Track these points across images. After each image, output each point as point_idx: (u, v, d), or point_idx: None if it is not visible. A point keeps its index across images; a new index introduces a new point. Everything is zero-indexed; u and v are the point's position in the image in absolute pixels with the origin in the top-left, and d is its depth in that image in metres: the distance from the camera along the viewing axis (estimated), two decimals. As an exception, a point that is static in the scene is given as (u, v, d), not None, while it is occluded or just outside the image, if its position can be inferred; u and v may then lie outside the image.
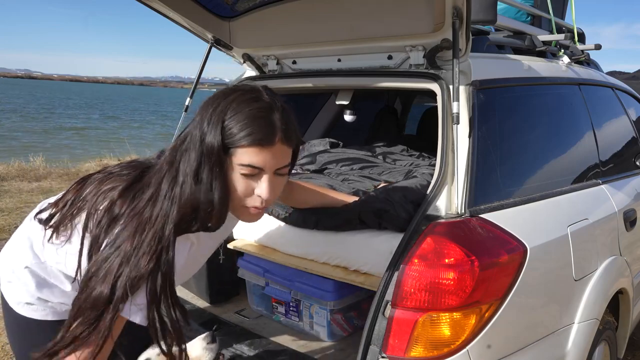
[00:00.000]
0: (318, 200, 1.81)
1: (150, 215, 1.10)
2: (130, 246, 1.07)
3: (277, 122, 1.13)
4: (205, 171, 1.10)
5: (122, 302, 1.06)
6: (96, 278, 1.07)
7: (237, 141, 1.09)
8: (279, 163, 1.15)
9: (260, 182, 1.14)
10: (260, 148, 1.10)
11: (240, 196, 1.15)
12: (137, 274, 1.05)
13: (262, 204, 1.17)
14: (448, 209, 1.45)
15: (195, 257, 1.31)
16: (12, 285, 1.33)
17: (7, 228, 4.69)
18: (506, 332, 1.44)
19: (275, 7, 1.92)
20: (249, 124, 1.10)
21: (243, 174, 1.12)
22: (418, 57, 1.68)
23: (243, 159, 1.11)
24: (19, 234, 1.37)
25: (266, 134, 1.11)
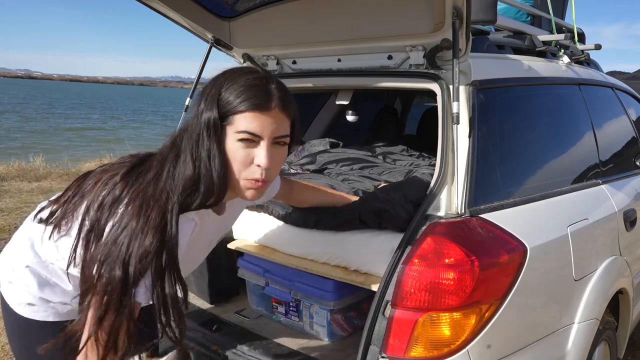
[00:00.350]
0: (319, 199, 1.81)
1: (154, 192, 1.10)
2: (137, 223, 1.07)
3: (274, 90, 1.14)
4: (204, 145, 1.11)
5: (135, 283, 1.06)
6: (109, 261, 1.06)
7: (233, 108, 1.10)
8: (276, 131, 1.14)
9: (259, 150, 1.13)
10: (257, 113, 1.11)
11: (239, 167, 1.13)
12: (144, 251, 1.05)
13: (262, 175, 1.14)
14: (448, 209, 1.45)
15: (198, 244, 1.30)
16: (13, 286, 1.32)
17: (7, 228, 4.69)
18: (506, 332, 1.44)
19: (275, 7, 1.92)
20: (245, 91, 1.11)
21: (241, 140, 1.11)
22: (418, 57, 1.68)
23: (240, 125, 1.11)
24: (19, 235, 1.37)
25: (263, 99, 1.11)
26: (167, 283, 1.09)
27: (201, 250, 1.41)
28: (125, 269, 1.05)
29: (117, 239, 1.07)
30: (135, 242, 1.06)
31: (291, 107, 1.18)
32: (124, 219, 1.09)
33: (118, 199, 1.12)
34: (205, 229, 1.28)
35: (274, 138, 1.14)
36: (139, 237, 1.06)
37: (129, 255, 1.05)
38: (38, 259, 1.29)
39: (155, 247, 1.06)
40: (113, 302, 1.06)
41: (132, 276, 1.05)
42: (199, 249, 1.37)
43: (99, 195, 1.15)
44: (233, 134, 1.11)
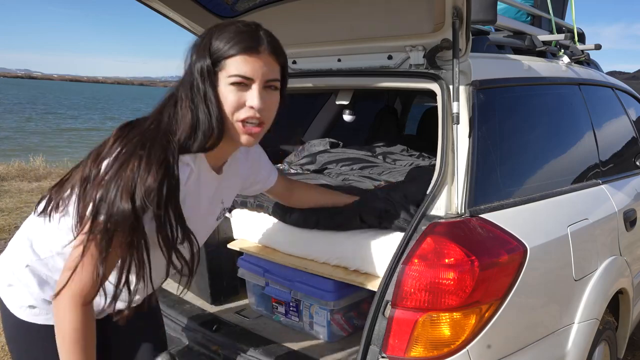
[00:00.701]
0: (320, 199, 1.82)
1: (155, 134, 1.15)
2: (140, 159, 1.10)
3: (263, 35, 1.19)
4: (200, 91, 1.15)
5: (143, 214, 1.09)
6: (112, 196, 1.08)
7: (224, 53, 1.15)
8: (267, 74, 1.18)
9: (251, 93, 1.17)
10: (247, 56, 1.15)
11: (232, 110, 1.17)
12: (149, 185, 1.08)
13: (255, 115, 1.18)
14: (448, 209, 1.45)
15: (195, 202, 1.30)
16: (13, 289, 1.31)
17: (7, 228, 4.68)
18: (506, 332, 1.44)
19: (275, 7, 1.92)
20: (235, 36, 1.16)
21: (233, 84, 1.16)
22: (418, 57, 1.68)
23: (231, 69, 1.15)
24: (18, 237, 1.36)
25: (252, 42, 1.16)
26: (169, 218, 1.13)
27: (202, 214, 1.38)
28: (132, 201, 1.08)
29: (119, 174, 1.10)
30: (142, 177, 1.09)
31: (280, 52, 1.23)
32: (124, 156, 1.12)
33: (115, 147, 1.15)
34: (203, 184, 1.30)
35: (265, 81, 1.19)
36: (144, 171, 1.09)
37: (135, 188, 1.08)
38: (37, 257, 1.28)
39: (161, 183, 1.10)
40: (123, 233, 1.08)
41: (139, 209, 1.08)
42: (199, 210, 1.34)
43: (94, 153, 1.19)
44: (225, 78, 1.16)
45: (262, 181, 1.68)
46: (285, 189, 1.78)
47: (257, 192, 1.80)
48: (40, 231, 1.30)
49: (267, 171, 1.68)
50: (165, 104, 1.21)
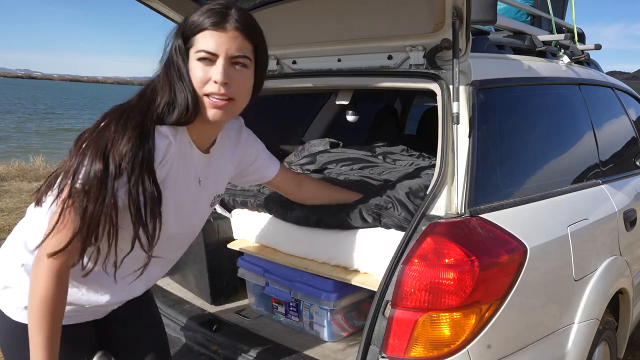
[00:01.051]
0: (327, 195, 1.81)
1: (136, 103, 1.21)
2: (116, 125, 1.15)
3: (232, 13, 1.21)
4: (175, 67, 1.21)
5: (115, 177, 1.12)
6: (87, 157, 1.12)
7: (193, 29, 1.20)
8: (232, 49, 1.20)
9: (215, 67, 1.19)
10: (213, 31, 1.19)
11: (199, 85, 1.20)
12: (123, 149, 1.12)
13: (220, 90, 1.20)
14: (448, 209, 1.45)
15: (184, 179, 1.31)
16: (8, 291, 1.30)
17: (7, 228, 4.69)
18: (506, 332, 1.44)
19: (275, 7, 1.92)
20: (204, 14, 1.20)
21: (199, 59, 1.19)
22: (418, 57, 1.68)
23: (198, 44, 1.20)
24: (12, 238, 1.36)
25: (219, 18, 1.19)
26: (141, 184, 1.15)
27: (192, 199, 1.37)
28: (105, 162, 1.11)
29: (98, 137, 1.14)
30: (117, 139, 1.12)
31: (251, 30, 1.24)
32: (104, 124, 1.16)
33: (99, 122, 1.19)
34: (188, 162, 1.31)
35: (230, 57, 1.20)
36: (120, 135, 1.13)
37: (109, 150, 1.12)
38: (32, 255, 1.27)
39: (135, 144, 1.13)
40: (94, 194, 1.11)
41: (112, 171, 1.11)
42: (185, 191, 1.34)
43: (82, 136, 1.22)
44: (194, 54, 1.20)
45: (260, 171, 1.66)
46: (291, 183, 1.77)
47: (256, 182, 1.78)
48: (33, 229, 1.30)
49: (265, 161, 1.66)
50: (150, 82, 1.26)
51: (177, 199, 1.28)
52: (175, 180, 1.27)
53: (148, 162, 1.16)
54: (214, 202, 1.48)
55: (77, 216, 1.12)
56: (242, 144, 1.56)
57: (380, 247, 1.68)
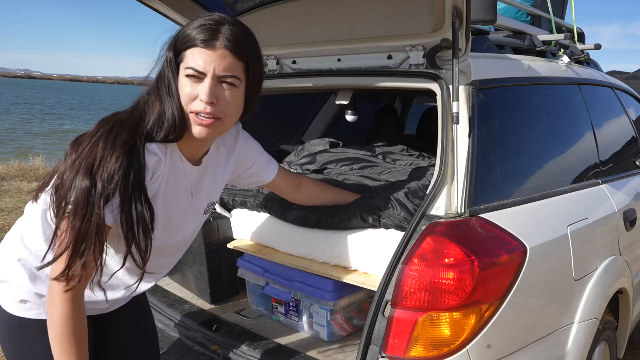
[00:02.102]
0: (326, 196, 1.81)
1: (127, 118, 1.20)
2: (105, 142, 1.14)
3: (224, 30, 1.19)
4: (165, 81, 1.20)
5: (104, 199, 1.11)
6: (77, 175, 1.12)
7: (184, 45, 1.18)
8: (220, 68, 1.17)
9: (202, 86, 1.18)
10: (202, 49, 1.17)
11: (186, 101, 1.19)
12: (113, 168, 1.11)
13: (205, 109, 1.18)
14: (448, 209, 1.45)
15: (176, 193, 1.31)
16: (5, 285, 1.32)
17: (7, 228, 4.69)
18: (506, 332, 1.44)
19: (275, 7, 1.92)
20: (196, 29, 1.18)
21: (187, 76, 1.18)
22: (418, 57, 1.68)
23: (188, 61, 1.18)
24: (10, 235, 1.38)
25: (208, 36, 1.17)
26: (134, 204, 1.15)
27: (184, 209, 1.38)
28: (92, 180, 1.10)
29: (89, 154, 1.13)
30: (106, 158, 1.12)
31: (242, 48, 1.21)
32: (95, 138, 1.15)
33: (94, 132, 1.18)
34: (179, 176, 1.31)
35: (217, 77, 1.18)
36: (109, 154, 1.12)
37: (97, 168, 1.11)
38: (29, 250, 1.30)
39: (124, 165, 1.12)
40: (80, 212, 1.10)
41: (100, 190, 1.11)
42: (177, 203, 1.35)
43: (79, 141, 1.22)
44: (183, 69, 1.19)
45: (258, 174, 1.66)
46: (290, 185, 1.76)
47: (254, 185, 1.78)
48: (30, 226, 1.32)
49: (264, 164, 1.65)
50: (144, 94, 1.25)
51: (166, 213, 1.29)
52: (165, 196, 1.28)
53: (139, 181, 1.16)
54: (208, 209, 1.48)
55: (68, 234, 1.12)
56: (239, 150, 1.54)
57: (380, 247, 1.68)
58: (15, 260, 1.31)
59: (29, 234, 1.32)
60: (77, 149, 1.18)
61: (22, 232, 1.34)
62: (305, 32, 1.98)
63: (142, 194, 1.17)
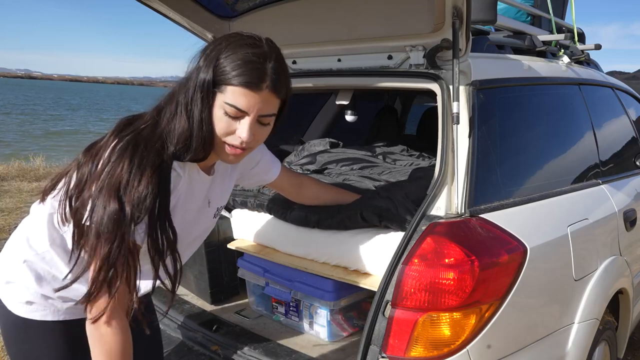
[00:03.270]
0: (327, 196, 1.81)
1: (151, 136, 1.16)
2: (130, 162, 1.10)
3: (269, 70, 1.16)
4: (197, 105, 1.15)
5: (132, 220, 1.09)
6: (102, 195, 1.09)
7: (226, 79, 1.14)
8: (263, 110, 1.18)
9: (242, 125, 1.17)
10: (246, 91, 1.14)
11: (222, 133, 1.18)
12: (141, 192, 1.09)
13: (242, 144, 1.19)
14: (448, 209, 1.45)
15: (189, 204, 1.31)
16: (11, 286, 1.31)
17: (7, 228, 4.69)
18: (506, 332, 1.44)
19: (275, 7, 1.92)
20: (241, 66, 1.13)
21: (227, 113, 1.16)
22: (418, 57, 1.68)
23: (229, 98, 1.14)
24: (15, 235, 1.37)
25: (255, 78, 1.14)
26: (159, 228, 1.14)
27: (194, 215, 1.39)
28: (121, 203, 1.08)
29: (112, 173, 1.10)
30: (134, 181, 1.09)
31: (283, 88, 1.20)
32: (117, 154, 1.12)
33: (112, 146, 1.15)
34: (195, 187, 1.31)
35: (258, 116, 1.18)
36: (137, 176, 1.10)
37: (125, 190, 1.09)
38: (34, 252, 1.29)
39: (154, 189, 1.10)
40: (108, 236, 1.08)
41: (129, 214, 1.09)
42: (192, 211, 1.35)
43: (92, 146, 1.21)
44: (222, 102, 1.15)
45: (262, 173, 1.66)
46: (291, 184, 1.77)
47: (257, 184, 1.79)
48: (35, 227, 1.31)
49: (267, 164, 1.66)
50: (165, 104, 1.22)
51: (183, 224, 1.28)
52: (183, 208, 1.28)
53: (166, 204, 1.16)
54: (217, 213, 1.49)
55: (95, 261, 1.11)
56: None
57: (380, 247, 1.68)
58: (20, 262, 1.30)
59: (35, 235, 1.31)
60: (93, 159, 1.16)
61: (28, 232, 1.33)
62: (305, 32, 1.98)
63: (167, 216, 1.16)
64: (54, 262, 1.29)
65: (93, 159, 1.17)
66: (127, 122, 1.21)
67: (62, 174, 1.27)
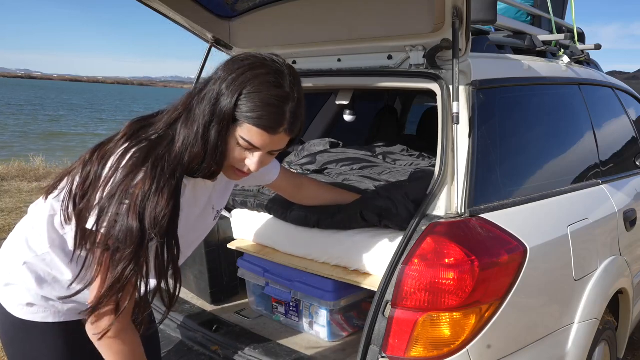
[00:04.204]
0: (327, 196, 1.81)
1: (168, 154, 1.17)
2: (149, 179, 1.12)
3: (288, 114, 1.18)
4: (214, 130, 1.17)
5: (149, 240, 1.11)
6: (119, 208, 1.10)
7: (246, 118, 1.16)
8: (274, 147, 1.23)
9: (253, 156, 1.22)
10: (263, 132, 1.17)
11: (231, 160, 1.23)
12: (160, 211, 1.11)
13: (249, 172, 1.26)
14: (448, 209, 1.45)
15: (191, 209, 1.33)
16: (11, 288, 1.31)
17: (7, 228, 4.69)
18: (506, 332, 1.44)
19: (275, 7, 1.92)
20: (262, 108, 1.15)
21: (240, 144, 1.19)
22: (418, 57, 1.68)
23: (245, 134, 1.17)
24: (14, 236, 1.36)
25: (273, 123, 1.17)
26: (166, 245, 1.16)
27: (195, 218, 1.40)
28: (141, 222, 1.10)
29: (125, 186, 1.11)
30: (153, 199, 1.11)
31: (297, 128, 1.23)
32: (132, 166, 1.13)
33: (123, 151, 1.16)
34: (199, 193, 1.35)
35: (269, 151, 1.23)
36: (156, 195, 1.11)
37: (143, 207, 1.10)
38: (34, 254, 1.29)
39: (170, 209, 1.13)
40: (129, 255, 1.10)
41: (147, 231, 1.10)
42: (194, 215, 1.38)
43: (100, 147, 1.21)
44: (238, 135, 1.18)
45: (262, 173, 1.65)
46: (291, 185, 1.77)
47: (257, 184, 1.80)
48: (34, 228, 1.31)
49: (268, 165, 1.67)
50: (180, 114, 1.22)
51: (184, 228, 1.29)
52: (186, 214, 1.28)
53: (176, 223, 1.18)
54: (217, 215, 1.51)
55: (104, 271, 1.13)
56: None
57: (380, 247, 1.68)
58: (20, 263, 1.29)
59: (34, 237, 1.30)
60: (100, 161, 1.17)
61: (27, 234, 1.32)
62: (305, 32, 1.98)
63: (175, 235, 1.18)
64: (54, 263, 1.28)
65: (100, 161, 1.17)
66: (138, 126, 1.22)
67: (66, 172, 1.27)
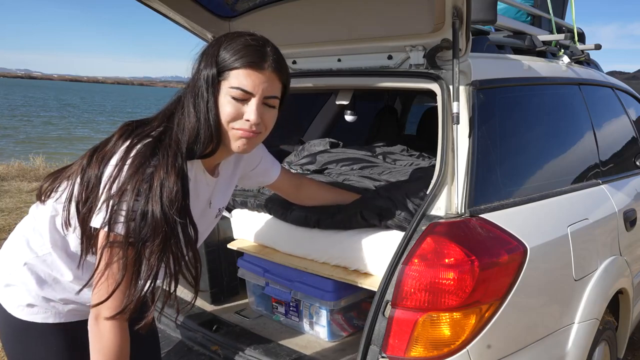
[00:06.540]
0: (326, 196, 1.81)
1: (168, 140, 1.18)
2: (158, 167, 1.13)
3: (269, 52, 1.20)
4: (203, 98, 1.17)
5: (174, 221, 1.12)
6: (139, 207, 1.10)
7: (229, 64, 1.17)
8: (267, 90, 1.20)
9: (249, 107, 1.19)
10: (250, 71, 1.17)
11: (229, 120, 1.20)
12: (173, 193, 1.12)
13: (251, 128, 1.21)
14: (448, 209, 1.45)
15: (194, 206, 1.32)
16: (11, 289, 1.30)
17: (7, 228, 4.69)
18: (506, 332, 1.44)
19: (275, 7, 1.92)
20: (242, 50, 1.18)
21: (233, 97, 1.18)
22: (418, 57, 1.68)
23: (233, 81, 1.17)
24: (14, 236, 1.36)
25: (257, 58, 1.18)
26: (183, 227, 1.16)
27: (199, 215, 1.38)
28: (162, 210, 1.11)
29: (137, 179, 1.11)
30: (165, 184, 1.12)
31: (284, 70, 1.24)
32: (139, 159, 1.13)
33: (126, 148, 1.16)
34: (200, 188, 1.33)
35: (264, 97, 1.20)
36: (165, 180, 1.12)
37: (161, 197, 1.11)
38: (35, 254, 1.28)
39: (181, 186, 1.14)
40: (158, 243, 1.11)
41: (169, 216, 1.11)
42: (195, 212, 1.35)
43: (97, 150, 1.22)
44: (226, 89, 1.18)
45: (262, 174, 1.67)
46: (291, 185, 1.78)
47: (257, 185, 1.79)
48: (35, 228, 1.30)
49: (267, 165, 1.67)
50: (174, 107, 1.24)
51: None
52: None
53: (188, 200, 1.18)
54: (218, 214, 1.50)
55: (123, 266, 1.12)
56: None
57: (380, 247, 1.68)
58: (21, 264, 1.29)
59: (35, 237, 1.30)
60: (100, 163, 1.17)
61: (27, 234, 1.32)
62: (305, 32, 1.98)
63: (190, 214, 1.19)
64: (55, 264, 1.28)
65: (100, 163, 1.17)
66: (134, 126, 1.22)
67: (63, 176, 1.27)
